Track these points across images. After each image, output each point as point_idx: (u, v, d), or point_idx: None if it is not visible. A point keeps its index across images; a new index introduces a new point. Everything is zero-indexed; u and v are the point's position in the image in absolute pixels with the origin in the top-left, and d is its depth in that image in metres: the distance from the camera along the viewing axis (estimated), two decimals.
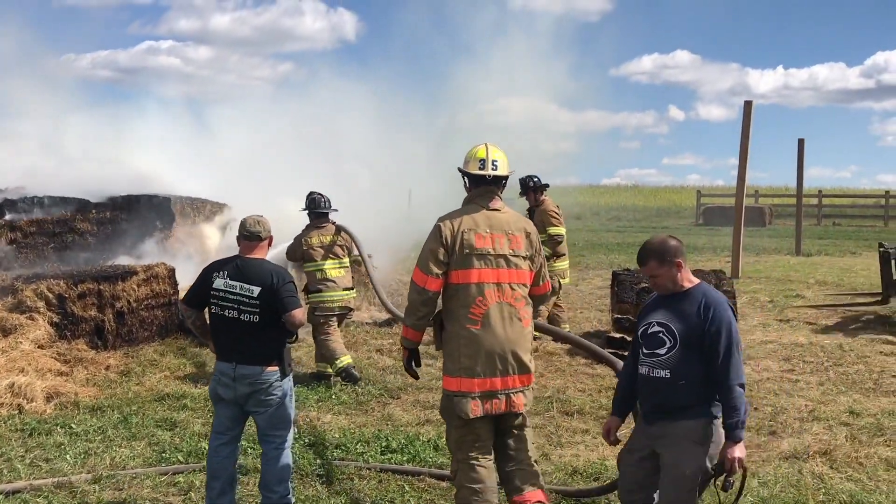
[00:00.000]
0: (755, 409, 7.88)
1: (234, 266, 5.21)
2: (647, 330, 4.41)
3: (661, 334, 4.30)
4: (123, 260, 11.48)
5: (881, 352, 10.28)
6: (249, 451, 6.42)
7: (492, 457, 4.90)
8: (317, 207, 9.31)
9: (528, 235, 4.99)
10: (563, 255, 10.71)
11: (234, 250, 5.45)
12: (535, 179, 10.78)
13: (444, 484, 5.91)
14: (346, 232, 9.39)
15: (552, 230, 10.50)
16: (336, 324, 9.18)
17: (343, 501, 5.58)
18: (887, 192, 39.55)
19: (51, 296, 9.54)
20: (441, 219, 4.93)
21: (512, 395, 4.78)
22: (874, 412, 7.73)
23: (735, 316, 4.31)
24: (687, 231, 34.21)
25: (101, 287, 9.85)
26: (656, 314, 4.39)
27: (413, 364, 5.11)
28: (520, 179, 10.83)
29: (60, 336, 9.34)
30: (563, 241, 10.62)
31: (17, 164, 15.78)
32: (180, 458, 6.42)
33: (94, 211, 12.04)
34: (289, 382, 5.24)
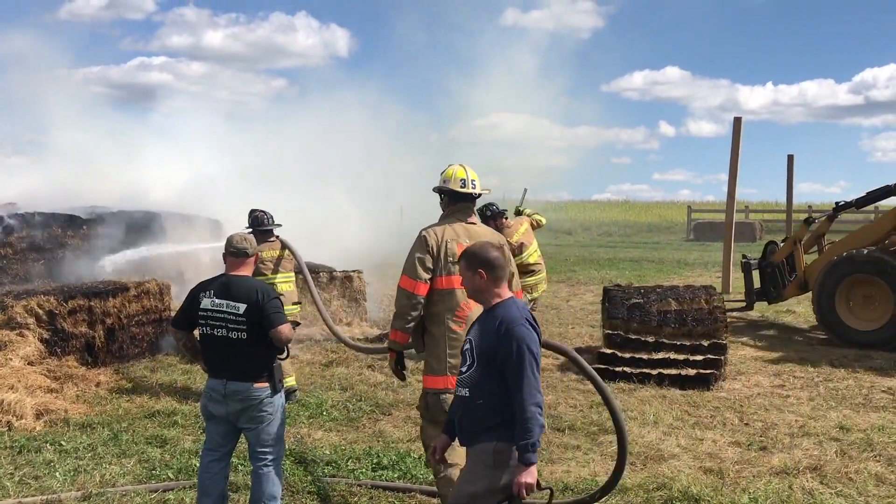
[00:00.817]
0: (746, 424, 7.91)
1: (219, 284, 5.22)
2: (462, 347, 4.32)
3: (467, 352, 4.17)
4: (113, 276, 11.45)
5: (870, 367, 10.33)
6: (240, 467, 6.40)
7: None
8: (260, 225, 9.36)
9: (500, 248, 5.05)
10: (532, 271, 10.78)
11: (222, 266, 5.45)
12: (493, 207, 10.88)
13: (435, 501, 5.90)
14: (289, 247, 9.46)
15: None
16: None
17: None
18: (876, 206, 39.67)
19: (41, 312, 9.51)
20: (425, 229, 5.34)
21: None
22: (864, 427, 7.75)
23: (537, 333, 4.07)
24: (678, 246, 34.34)
25: (92, 303, 9.83)
26: (471, 331, 4.26)
27: (399, 366, 5.50)
28: (478, 210, 10.94)
29: (51, 352, 9.31)
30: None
31: (5, 181, 15.76)
32: (171, 474, 6.40)
33: (84, 227, 12.02)
34: (280, 399, 5.23)
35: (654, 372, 9.43)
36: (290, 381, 8.83)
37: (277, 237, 9.48)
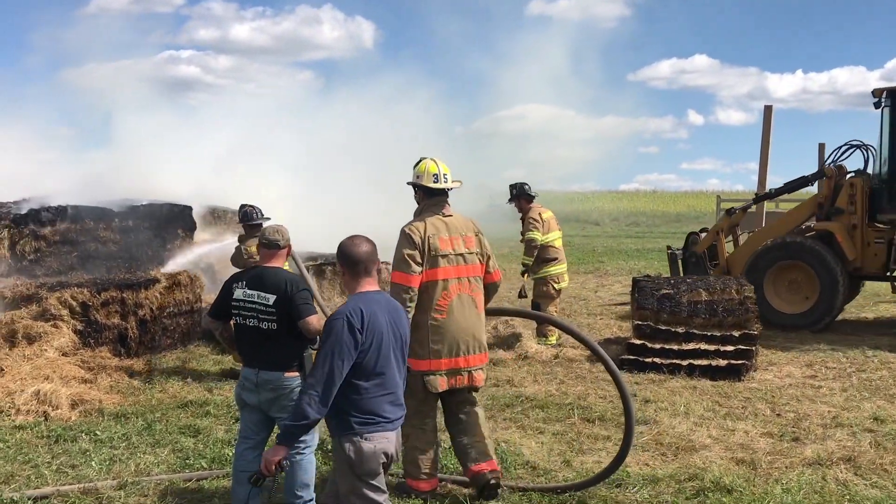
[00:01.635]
0: (778, 414, 7.86)
1: (252, 275, 5.30)
2: None
3: None
4: (145, 268, 11.56)
5: None
6: None
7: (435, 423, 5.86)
8: (249, 219, 9.64)
9: (476, 234, 5.89)
10: (554, 259, 10.87)
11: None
12: (526, 187, 11.00)
13: (465, 490, 5.92)
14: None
15: (527, 234, 10.79)
16: None
17: None
18: None
19: (75, 304, 9.64)
20: (407, 226, 5.73)
21: (473, 371, 5.76)
22: None
23: (350, 329, 3.94)
24: None
25: (125, 295, 9.94)
26: None
27: None
28: (510, 185, 11.08)
29: (84, 344, 9.44)
30: (535, 245, 10.71)
31: (40, 175, 15.95)
32: (204, 464, 6.47)
33: (116, 220, 12.15)
34: None
35: (685, 363, 9.38)
36: None
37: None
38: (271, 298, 5.13)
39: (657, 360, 9.52)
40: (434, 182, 5.77)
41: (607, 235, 34.91)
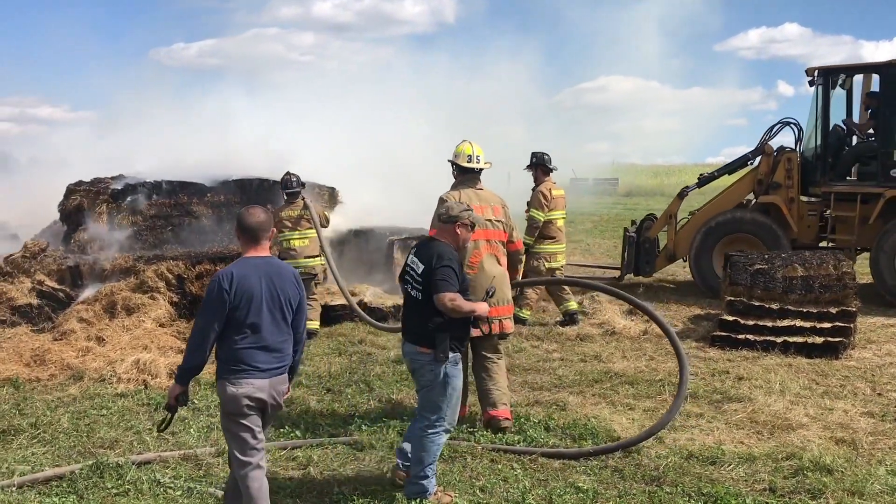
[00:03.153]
0: (878, 394, 7.60)
1: (420, 244, 5.58)
2: None
3: None
4: (237, 242, 11.81)
5: None
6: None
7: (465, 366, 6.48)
8: (286, 187, 10.47)
9: (503, 207, 6.89)
10: (552, 238, 10.72)
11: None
12: (545, 157, 10.86)
13: (556, 463, 5.90)
14: (308, 208, 10.38)
15: (529, 213, 10.71)
16: None
17: (457, 479, 5.63)
18: None
19: (170, 276, 9.96)
20: (444, 194, 6.75)
21: (502, 320, 6.66)
22: None
23: (219, 289, 4.44)
24: None
25: (218, 268, 10.17)
26: None
27: None
28: (532, 153, 10.96)
29: (179, 315, 9.74)
30: (536, 225, 10.57)
31: (136, 151, 16.41)
32: (298, 433, 6.59)
33: (209, 195, 12.43)
34: (444, 369, 5.24)
35: (779, 340, 9.13)
36: (312, 325, 9.91)
37: (303, 198, 10.42)
38: (421, 267, 5.33)
39: (750, 336, 9.29)
40: (468, 162, 6.83)
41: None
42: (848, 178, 12.77)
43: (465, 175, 6.88)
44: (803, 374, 8.25)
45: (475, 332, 5.82)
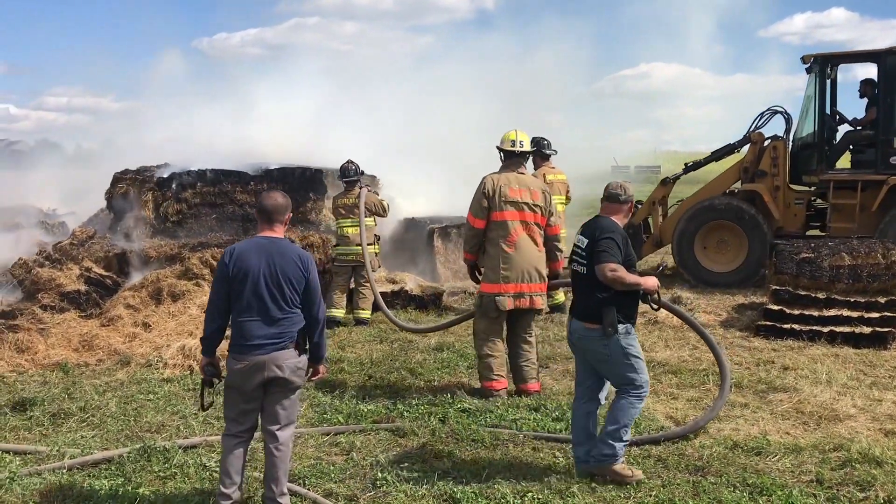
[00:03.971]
0: None
1: (586, 222, 5.59)
2: None
3: None
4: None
5: None
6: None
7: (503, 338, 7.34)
8: (344, 175, 10.62)
9: (543, 192, 7.30)
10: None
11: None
12: (543, 142, 10.93)
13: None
14: (359, 197, 10.49)
15: None
16: (348, 275, 10.60)
17: (501, 467, 5.62)
18: None
19: (215, 263, 10.05)
20: (486, 176, 7.26)
21: (534, 296, 7.15)
22: None
23: (223, 262, 4.82)
24: None
25: None
26: None
27: (477, 275, 7.43)
28: (533, 138, 10.77)
29: None
30: None
31: (181, 140, 16.61)
32: (340, 419, 6.64)
33: (252, 183, 12.56)
34: (619, 341, 5.24)
35: (826, 329, 8.99)
36: (334, 312, 10.25)
37: (360, 187, 10.54)
38: (585, 242, 5.38)
39: (796, 326, 9.16)
40: (511, 146, 7.34)
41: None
42: (838, 167, 12.81)
43: (510, 159, 7.34)
44: (850, 365, 8.12)
45: (508, 305, 6.74)
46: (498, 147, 7.46)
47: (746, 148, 13.16)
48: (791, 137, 13.01)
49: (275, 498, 4.82)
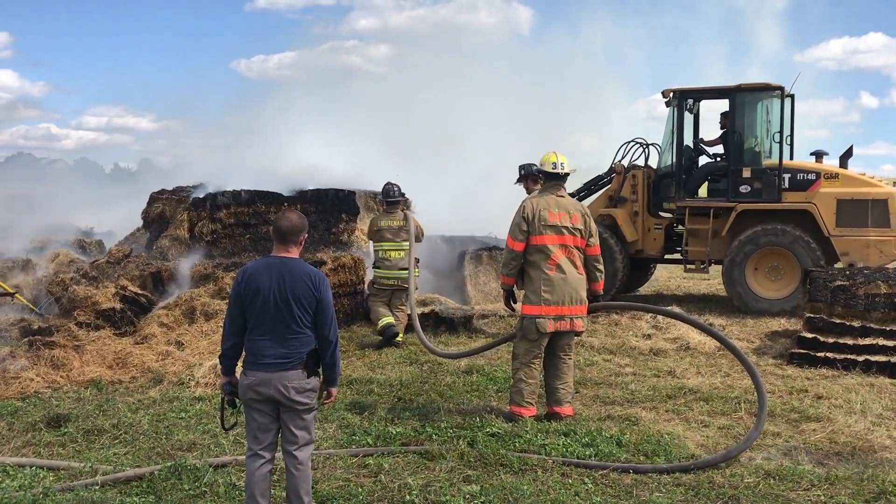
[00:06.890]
0: None
1: None
2: None
3: None
4: (312, 251, 12.01)
5: None
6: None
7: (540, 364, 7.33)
8: (387, 196, 10.67)
9: (583, 215, 7.35)
10: None
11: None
12: (532, 168, 10.61)
13: (627, 479, 5.83)
14: (407, 220, 10.54)
15: None
16: (387, 298, 10.61)
17: (529, 492, 5.59)
18: None
19: None
20: (525, 200, 7.37)
21: (574, 319, 7.19)
22: None
23: (237, 281, 5.00)
24: None
25: None
26: None
27: (511, 301, 7.56)
28: (519, 166, 10.65)
29: None
30: None
31: (216, 161, 16.84)
32: (369, 441, 6.64)
33: (286, 204, 12.64)
34: None
35: (861, 358, 8.87)
36: (386, 320, 10.36)
37: (403, 209, 10.66)
38: None
39: (830, 354, 9.04)
40: (552, 169, 7.34)
41: None
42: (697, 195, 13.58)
43: (550, 182, 7.41)
44: (886, 395, 8.00)
45: (549, 328, 7.03)
46: (538, 169, 7.66)
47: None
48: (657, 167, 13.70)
49: None
